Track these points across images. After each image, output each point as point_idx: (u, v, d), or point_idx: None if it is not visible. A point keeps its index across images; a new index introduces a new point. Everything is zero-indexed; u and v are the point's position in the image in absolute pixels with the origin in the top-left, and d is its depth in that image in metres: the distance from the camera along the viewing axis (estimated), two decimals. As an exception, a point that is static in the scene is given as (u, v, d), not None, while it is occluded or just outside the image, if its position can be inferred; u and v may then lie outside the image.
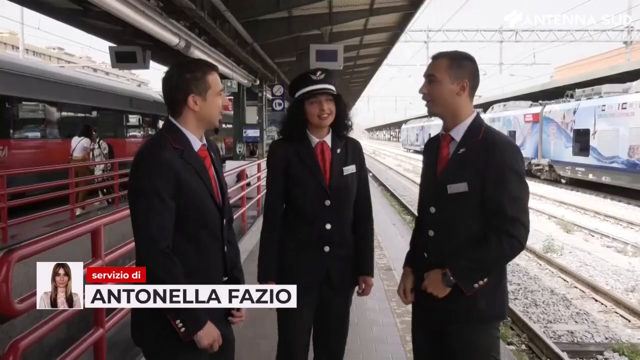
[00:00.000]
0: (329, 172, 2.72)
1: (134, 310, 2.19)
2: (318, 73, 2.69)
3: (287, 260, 2.75)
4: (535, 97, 32.47)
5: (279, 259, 2.76)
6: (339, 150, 2.77)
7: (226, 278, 2.32)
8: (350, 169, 2.78)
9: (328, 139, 2.77)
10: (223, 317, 2.29)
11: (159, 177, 2.04)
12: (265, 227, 2.79)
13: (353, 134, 2.93)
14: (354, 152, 2.83)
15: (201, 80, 2.18)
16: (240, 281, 2.40)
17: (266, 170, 2.88)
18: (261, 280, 2.69)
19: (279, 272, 2.74)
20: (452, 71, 2.29)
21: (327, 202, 2.70)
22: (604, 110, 20.89)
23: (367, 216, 2.90)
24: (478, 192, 2.24)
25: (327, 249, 2.72)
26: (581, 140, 22.66)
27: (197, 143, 2.22)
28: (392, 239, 9.64)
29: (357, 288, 2.92)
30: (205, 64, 2.24)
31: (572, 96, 25.01)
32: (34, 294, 2.57)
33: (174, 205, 2.08)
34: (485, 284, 2.24)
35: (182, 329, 2.03)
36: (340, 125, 2.79)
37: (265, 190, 2.87)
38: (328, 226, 2.71)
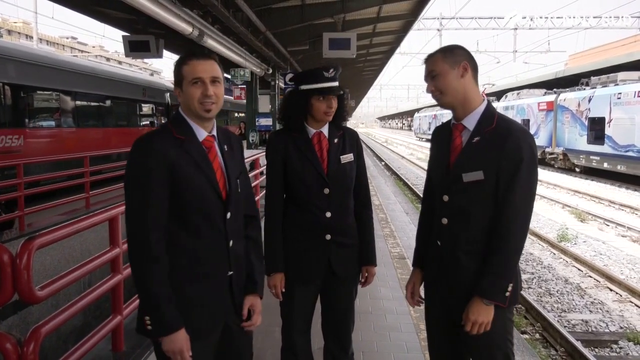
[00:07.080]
0: (327, 161, 2.75)
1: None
2: (331, 70, 2.71)
3: (289, 250, 2.78)
4: (550, 85, 32.16)
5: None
6: (336, 140, 2.80)
7: (231, 272, 2.26)
8: (347, 158, 2.81)
9: (325, 129, 2.81)
10: (230, 309, 2.27)
11: (149, 165, 2.07)
12: (267, 219, 2.82)
13: (366, 123, 2.94)
14: (351, 141, 2.86)
15: (177, 72, 2.22)
16: (251, 277, 2.35)
17: (265, 162, 2.89)
18: (269, 272, 2.72)
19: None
20: (448, 59, 2.33)
21: (326, 191, 2.73)
22: (619, 98, 20.65)
23: (366, 204, 2.95)
24: (493, 179, 2.25)
25: (328, 237, 2.75)
26: (596, 128, 22.43)
27: (202, 133, 2.22)
28: (405, 227, 9.64)
29: (360, 277, 2.95)
30: (186, 55, 2.25)
31: (587, 84, 24.75)
32: (54, 281, 2.62)
33: (167, 193, 2.09)
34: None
35: (149, 327, 2.07)
36: (339, 117, 2.83)
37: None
38: (328, 214, 2.74)
